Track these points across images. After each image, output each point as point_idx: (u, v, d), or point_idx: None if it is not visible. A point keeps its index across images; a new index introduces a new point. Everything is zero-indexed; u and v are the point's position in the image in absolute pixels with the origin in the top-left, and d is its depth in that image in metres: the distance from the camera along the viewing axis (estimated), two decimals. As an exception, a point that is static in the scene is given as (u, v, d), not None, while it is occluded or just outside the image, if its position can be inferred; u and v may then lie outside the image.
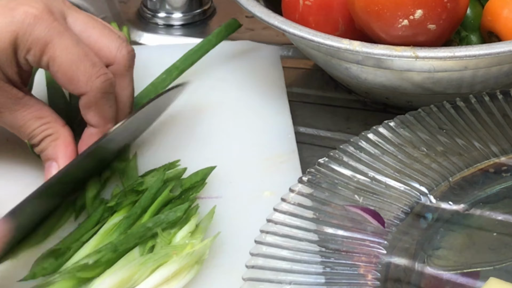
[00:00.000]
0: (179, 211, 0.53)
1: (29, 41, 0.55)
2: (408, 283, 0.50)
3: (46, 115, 0.58)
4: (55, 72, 0.56)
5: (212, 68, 0.72)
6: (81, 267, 0.50)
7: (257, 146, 0.63)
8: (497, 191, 0.57)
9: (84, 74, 0.56)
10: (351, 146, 0.57)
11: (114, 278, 0.50)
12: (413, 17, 0.58)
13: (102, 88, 0.56)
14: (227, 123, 0.65)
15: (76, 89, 0.56)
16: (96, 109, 0.57)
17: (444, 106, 0.60)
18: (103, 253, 0.51)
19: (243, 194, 0.57)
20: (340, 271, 0.50)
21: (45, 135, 0.58)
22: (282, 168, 0.61)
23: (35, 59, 0.56)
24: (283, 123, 0.65)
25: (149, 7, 0.83)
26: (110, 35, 0.59)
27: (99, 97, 0.57)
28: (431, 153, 0.58)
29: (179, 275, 0.51)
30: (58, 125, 0.58)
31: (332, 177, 0.55)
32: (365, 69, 0.62)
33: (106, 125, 0.58)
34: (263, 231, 0.51)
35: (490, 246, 0.53)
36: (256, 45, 0.75)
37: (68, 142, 0.58)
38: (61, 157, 0.57)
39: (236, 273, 0.51)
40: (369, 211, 0.53)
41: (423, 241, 0.53)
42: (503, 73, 0.62)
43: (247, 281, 0.48)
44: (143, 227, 0.52)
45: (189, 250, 0.51)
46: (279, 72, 0.72)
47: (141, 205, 0.54)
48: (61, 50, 0.55)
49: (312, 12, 0.64)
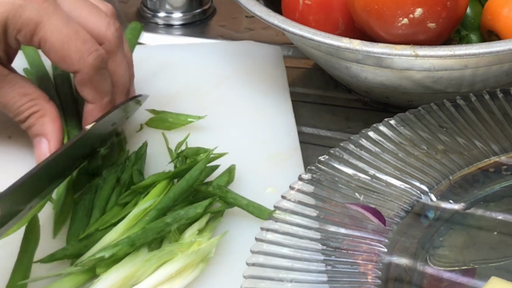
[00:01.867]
0: (199, 207, 0.53)
1: (19, 22, 0.55)
2: (409, 281, 0.50)
3: (31, 91, 0.59)
4: (47, 51, 0.57)
5: (215, 67, 0.72)
6: (97, 260, 0.50)
7: (260, 143, 0.63)
8: (498, 190, 0.57)
9: (76, 52, 0.56)
10: (351, 144, 0.57)
11: (119, 274, 0.49)
12: (413, 16, 0.58)
13: (94, 64, 0.57)
14: (231, 122, 0.65)
15: (69, 67, 0.57)
16: (91, 85, 0.58)
17: (445, 104, 0.60)
18: (120, 247, 0.50)
19: (246, 191, 0.57)
20: (341, 269, 0.50)
21: (32, 112, 0.59)
22: (285, 165, 0.61)
23: (26, 39, 0.56)
24: (286, 121, 0.66)
25: (149, 7, 0.83)
26: (98, 14, 0.60)
27: (93, 73, 0.58)
28: (431, 152, 0.58)
29: (184, 273, 0.51)
30: (44, 101, 0.59)
31: (333, 175, 0.55)
32: (365, 68, 0.62)
33: (103, 99, 0.59)
34: (263, 228, 0.51)
35: (490, 245, 0.53)
36: (258, 45, 0.75)
37: (54, 117, 0.59)
38: (50, 132, 0.59)
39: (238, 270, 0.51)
40: (369, 209, 0.53)
41: (423, 240, 0.53)
42: (503, 72, 0.62)
43: (248, 279, 0.48)
44: (162, 222, 0.52)
45: (195, 248, 0.51)
46: (282, 71, 0.72)
47: (174, 196, 0.54)
48: (52, 31, 0.56)
49: (312, 11, 0.65)
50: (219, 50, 0.73)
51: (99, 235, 0.52)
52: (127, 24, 0.81)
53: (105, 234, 0.52)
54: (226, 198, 0.55)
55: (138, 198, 0.55)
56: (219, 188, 0.55)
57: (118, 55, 0.61)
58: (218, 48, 0.74)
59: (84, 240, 0.52)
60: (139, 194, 0.55)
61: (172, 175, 0.56)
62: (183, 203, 0.54)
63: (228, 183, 0.57)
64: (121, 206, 0.55)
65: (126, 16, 0.83)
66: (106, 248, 0.50)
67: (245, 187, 0.58)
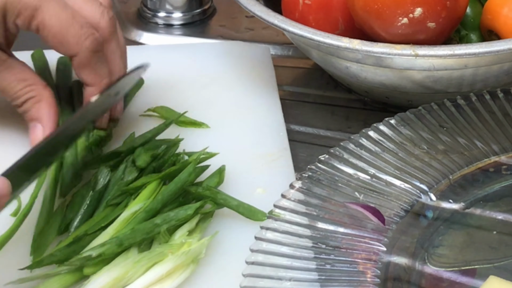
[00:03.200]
0: (190, 209, 0.53)
1: (18, 6, 0.56)
2: (408, 281, 0.50)
3: (28, 77, 0.60)
4: (46, 36, 0.58)
5: (203, 68, 0.71)
6: (84, 259, 0.50)
7: (249, 144, 0.63)
8: (497, 189, 0.57)
9: (73, 36, 0.58)
10: (351, 143, 0.57)
11: (109, 275, 0.49)
12: (413, 16, 0.58)
13: (92, 47, 0.58)
14: (219, 122, 0.65)
15: (67, 51, 0.58)
16: (89, 68, 0.59)
17: (445, 104, 0.60)
18: (107, 246, 0.50)
19: (236, 192, 0.57)
20: (340, 268, 0.50)
21: (28, 97, 0.60)
22: (275, 165, 0.61)
23: (25, 24, 0.57)
24: (275, 121, 0.65)
25: (149, 7, 0.83)
26: (93, 3, 0.60)
27: (90, 56, 0.59)
28: (431, 151, 0.58)
29: (174, 274, 0.50)
30: (40, 87, 0.60)
31: (333, 174, 0.55)
32: (365, 68, 0.62)
33: (101, 82, 0.60)
34: (263, 227, 0.51)
35: (490, 245, 0.53)
36: (246, 45, 0.75)
37: (50, 103, 0.60)
38: (45, 118, 0.60)
39: (229, 271, 0.51)
40: (369, 209, 0.53)
41: (423, 239, 0.53)
42: (503, 72, 0.62)
43: (247, 277, 0.48)
44: (151, 223, 0.52)
45: (185, 249, 0.51)
46: (271, 71, 0.71)
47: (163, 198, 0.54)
48: (50, 15, 0.57)
49: (312, 11, 0.65)
50: (207, 51, 0.73)
51: (88, 239, 0.52)
52: (127, 24, 0.81)
53: (94, 238, 0.52)
54: (216, 199, 0.55)
55: (128, 199, 0.55)
56: (209, 189, 0.55)
57: (112, 43, 0.61)
58: (206, 49, 0.74)
59: (72, 244, 0.51)
60: (130, 195, 0.55)
61: (163, 176, 0.56)
62: (173, 204, 0.54)
63: (218, 184, 0.57)
64: (112, 207, 0.55)
65: (126, 16, 0.83)
66: (93, 248, 0.50)
67: (235, 187, 0.58)
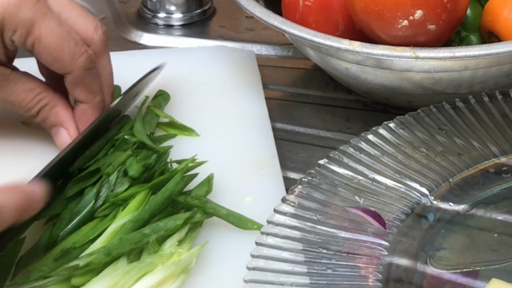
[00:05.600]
0: (179, 219, 0.52)
1: (15, 22, 0.56)
2: (410, 284, 0.51)
3: (35, 86, 0.60)
4: (41, 52, 0.57)
5: (188, 74, 0.71)
6: (72, 268, 0.49)
7: (237, 152, 0.62)
8: (497, 191, 0.57)
9: (68, 54, 0.57)
10: (351, 147, 0.57)
11: (99, 286, 0.49)
12: (413, 18, 0.58)
13: (86, 65, 0.58)
14: (206, 130, 0.64)
15: (61, 68, 0.58)
16: (83, 86, 0.59)
17: (444, 106, 0.61)
18: (95, 256, 0.49)
19: (225, 200, 0.56)
20: (341, 272, 0.50)
21: (41, 105, 0.60)
22: (263, 173, 0.60)
23: (21, 40, 0.57)
24: (262, 128, 0.65)
25: (149, 7, 0.83)
26: (87, 17, 0.60)
27: (84, 74, 0.59)
28: (431, 154, 0.58)
29: (164, 284, 0.50)
30: (51, 93, 0.60)
31: (332, 178, 0.55)
32: (365, 69, 0.62)
33: (95, 99, 0.60)
34: (263, 232, 0.51)
35: (491, 247, 0.53)
36: (231, 49, 0.74)
37: (66, 105, 0.61)
38: (67, 121, 0.60)
39: (220, 280, 0.51)
40: (369, 212, 0.53)
41: (424, 242, 0.53)
42: (502, 74, 0.62)
43: (249, 283, 0.48)
44: (140, 233, 0.51)
45: (175, 259, 0.50)
46: (257, 76, 0.71)
47: (150, 209, 0.53)
48: (46, 31, 0.56)
49: (312, 13, 0.64)
50: (192, 56, 0.72)
51: (76, 253, 0.51)
52: (127, 25, 0.81)
53: (82, 252, 0.51)
54: (206, 208, 0.54)
55: (117, 211, 0.54)
56: (198, 198, 0.55)
57: (105, 57, 0.61)
58: (191, 54, 0.73)
59: (60, 258, 0.51)
60: (118, 206, 0.54)
61: (151, 186, 0.55)
62: (162, 214, 0.54)
63: (207, 193, 0.56)
64: (100, 218, 0.54)
65: (126, 16, 0.83)
66: (81, 257, 0.50)
67: (224, 196, 0.57)
